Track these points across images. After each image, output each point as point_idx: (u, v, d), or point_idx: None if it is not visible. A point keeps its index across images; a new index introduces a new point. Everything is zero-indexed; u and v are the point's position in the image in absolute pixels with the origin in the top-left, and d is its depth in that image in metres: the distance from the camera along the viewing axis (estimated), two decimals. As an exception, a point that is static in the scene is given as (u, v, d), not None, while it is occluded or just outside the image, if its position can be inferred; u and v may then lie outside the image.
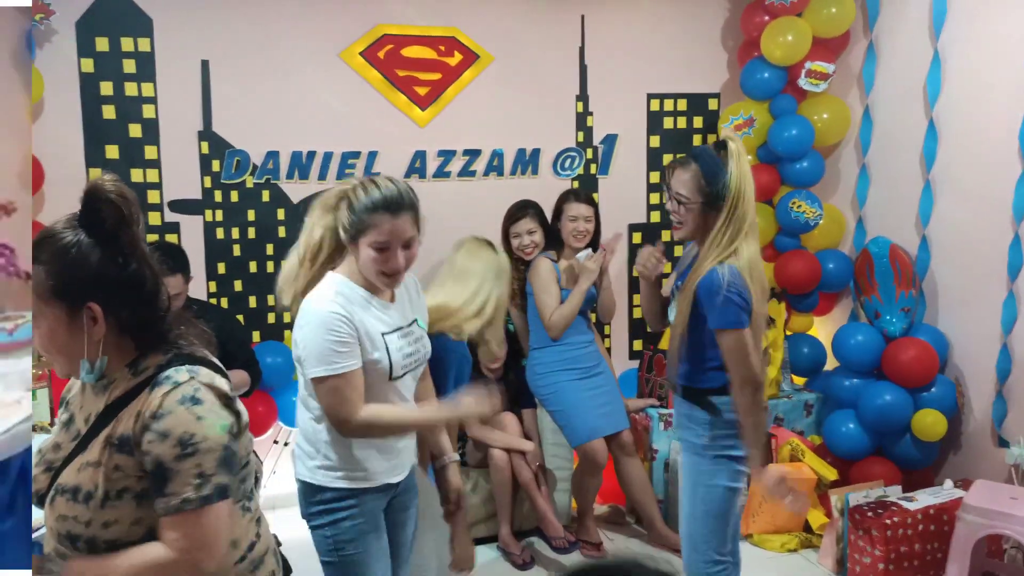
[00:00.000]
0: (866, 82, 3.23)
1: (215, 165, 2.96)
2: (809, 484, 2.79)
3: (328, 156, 3.07)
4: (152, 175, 2.92)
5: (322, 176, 3.07)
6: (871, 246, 3.05)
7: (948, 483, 2.66)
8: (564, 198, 2.87)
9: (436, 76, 3.16)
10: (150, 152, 2.89)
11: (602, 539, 2.90)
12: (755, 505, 2.86)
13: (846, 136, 3.38)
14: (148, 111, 2.87)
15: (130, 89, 2.84)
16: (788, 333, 3.38)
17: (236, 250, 3.02)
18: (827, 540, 2.72)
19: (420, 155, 3.17)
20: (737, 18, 3.41)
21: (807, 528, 2.88)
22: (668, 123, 3.51)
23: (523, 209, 2.90)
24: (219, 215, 3.00)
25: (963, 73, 2.81)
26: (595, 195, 3.45)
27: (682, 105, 3.52)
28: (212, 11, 2.89)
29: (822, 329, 3.49)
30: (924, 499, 2.56)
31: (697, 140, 3.55)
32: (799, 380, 3.40)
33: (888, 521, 2.41)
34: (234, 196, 3.00)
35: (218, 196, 2.99)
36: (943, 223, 2.95)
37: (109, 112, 2.83)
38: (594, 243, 2.87)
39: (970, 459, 2.93)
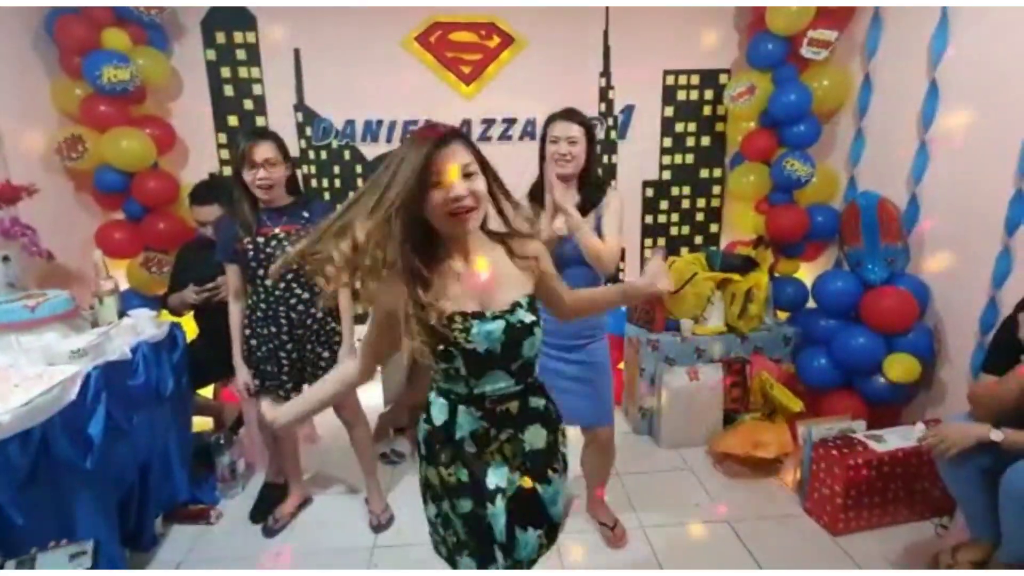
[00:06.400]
0: (869, 49, 2.76)
1: (307, 131, 3.05)
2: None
3: (393, 123, 3.08)
4: (262, 139, 3.15)
5: (388, 139, 3.09)
6: (860, 199, 2.66)
7: (920, 425, 2.20)
8: (549, 118, 1.87)
9: (478, 56, 3.06)
10: (260, 121, 3.01)
11: (614, 520, 2.14)
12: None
13: (845, 102, 2.95)
14: (257, 89, 2.99)
15: (243, 72, 2.96)
16: (776, 275, 3.08)
17: (326, 196, 3.12)
18: (791, 462, 2.45)
19: (466, 122, 3.11)
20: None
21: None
22: (681, 95, 3.22)
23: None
24: (312, 169, 3.10)
25: (970, 32, 2.31)
26: (613, 157, 3.35)
27: (695, 80, 3.20)
28: (301, 10, 2.91)
29: (809, 272, 3.12)
30: (893, 440, 2.17)
31: (707, 110, 3.23)
32: (783, 315, 3.10)
33: (851, 462, 2.06)
34: (323, 155, 3.09)
35: (311, 155, 3.08)
36: (936, 180, 2.50)
37: (229, 90, 2.97)
38: (587, 184, 1.87)
39: (941, 400, 2.56)
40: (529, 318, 1.12)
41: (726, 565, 1.99)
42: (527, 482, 1.15)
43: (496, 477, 1.14)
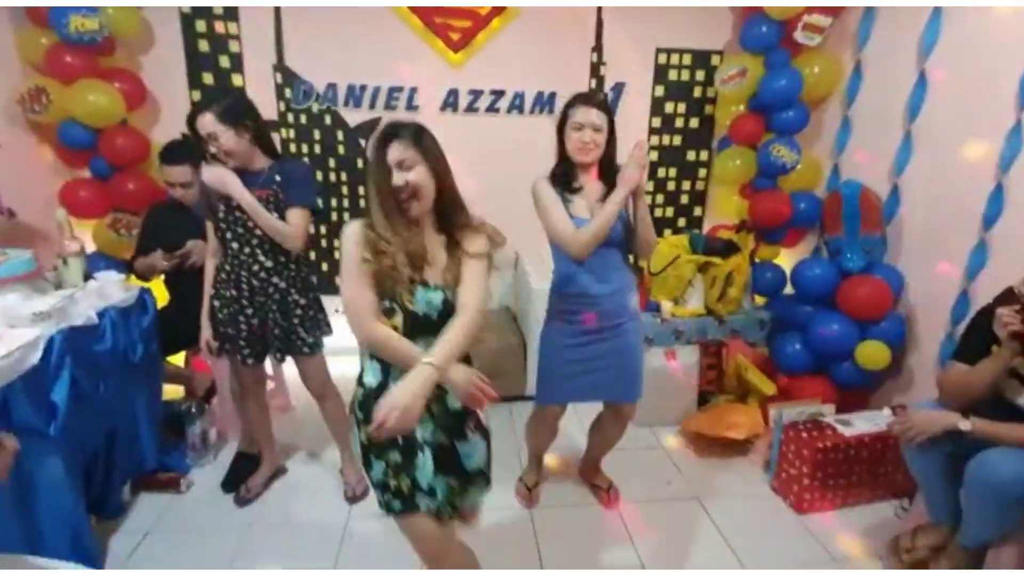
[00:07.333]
0: (861, 38, 2.75)
1: (287, 93, 2.93)
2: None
3: (377, 89, 2.97)
4: (239, 99, 3.01)
5: (372, 106, 2.99)
6: (843, 188, 2.68)
7: (887, 410, 2.34)
8: (570, 102, 1.78)
9: (468, 23, 2.96)
10: (236, 80, 2.88)
11: (609, 483, 2.28)
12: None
13: (834, 90, 2.94)
14: (234, 46, 2.85)
15: (219, 27, 2.81)
16: (757, 260, 3.09)
17: (305, 162, 2.98)
18: (761, 443, 2.52)
19: (453, 92, 3.04)
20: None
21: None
22: (673, 75, 3.18)
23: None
24: (291, 134, 2.99)
25: (962, 26, 2.31)
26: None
27: (687, 60, 3.16)
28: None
29: (788, 258, 3.15)
30: (860, 425, 2.24)
31: (698, 91, 3.21)
32: (761, 300, 3.13)
33: (820, 445, 2.13)
34: (303, 119, 2.98)
35: (290, 118, 2.97)
36: (918, 171, 2.52)
37: (204, 46, 2.83)
38: (609, 170, 1.79)
39: (908, 387, 2.63)
40: None
41: (694, 540, 2.04)
42: (445, 439, 1.30)
43: (423, 431, 1.27)
